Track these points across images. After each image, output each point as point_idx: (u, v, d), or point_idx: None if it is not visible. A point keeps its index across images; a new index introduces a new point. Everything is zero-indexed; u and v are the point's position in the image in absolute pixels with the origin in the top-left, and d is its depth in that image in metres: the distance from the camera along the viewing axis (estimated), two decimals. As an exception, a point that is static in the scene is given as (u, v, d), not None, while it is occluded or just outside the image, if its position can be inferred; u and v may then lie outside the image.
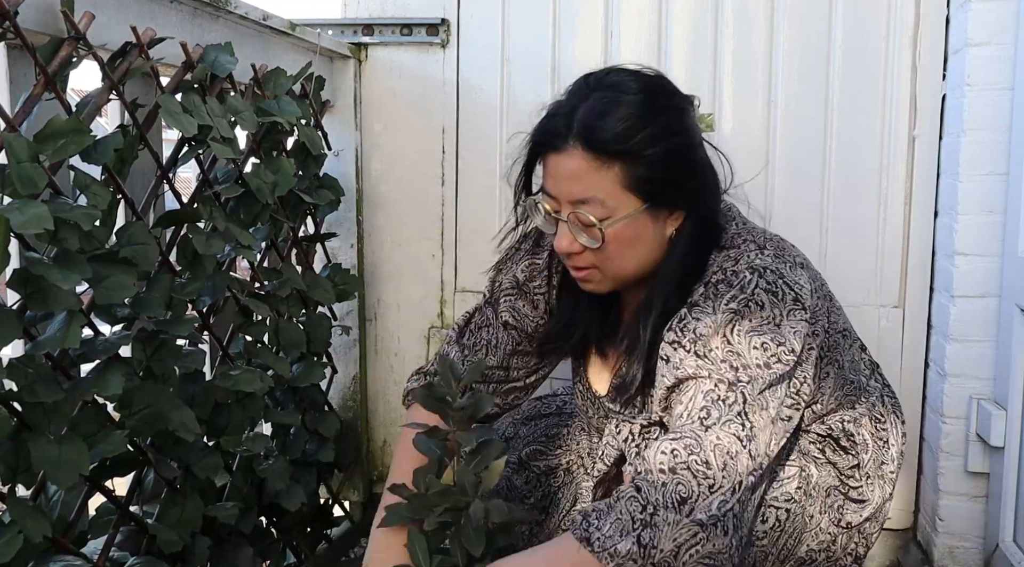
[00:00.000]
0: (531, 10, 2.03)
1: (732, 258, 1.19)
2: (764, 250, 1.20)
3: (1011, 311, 1.71)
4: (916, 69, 1.90)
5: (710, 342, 1.12)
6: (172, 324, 1.26)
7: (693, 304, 1.16)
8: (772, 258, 1.18)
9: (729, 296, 1.14)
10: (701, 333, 1.13)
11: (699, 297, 1.17)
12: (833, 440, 1.32)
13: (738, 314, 1.12)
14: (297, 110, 1.61)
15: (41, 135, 1.03)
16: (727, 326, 1.12)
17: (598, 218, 1.14)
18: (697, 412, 1.10)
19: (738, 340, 1.11)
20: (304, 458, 1.73)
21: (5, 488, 1.04)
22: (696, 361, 1.12)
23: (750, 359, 1.11)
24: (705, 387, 1.11)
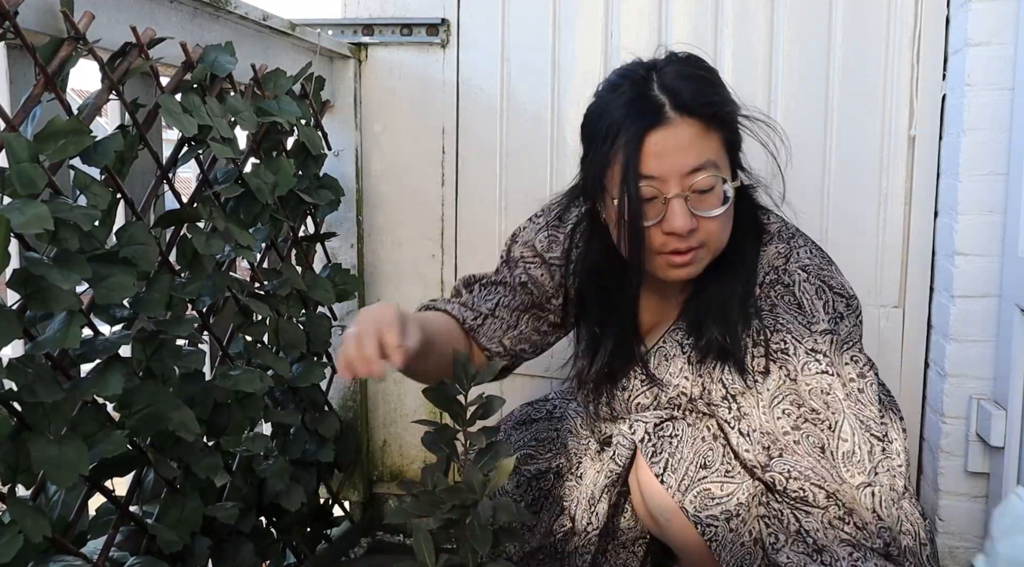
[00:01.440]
0: (531, 10, 2.03)
1: (782, 255, 1.24)
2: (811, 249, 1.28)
3: (1011, 311, 1.71)
4: (916, 69, 1.90)
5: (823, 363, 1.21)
6: (172, 324, 1.26)
7: (760, 310, 1.22)
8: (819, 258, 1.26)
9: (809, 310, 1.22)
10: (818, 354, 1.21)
11: (763, 301, 1.22)
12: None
13: (834, 333, 1.20)
14: (297, 110, 1.61)
15: (41, 135, 1.03)
16: (830, 346, 1.20)
17: (715, 184, 1.16)
18: (865, 444, 1.21)
19: (837, 360, 1.20)
20: (304, 458, 1.73)
21: (5, 488, 1.04)
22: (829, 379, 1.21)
23: (846, 376, 1.20)
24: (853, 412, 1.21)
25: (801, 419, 1.21)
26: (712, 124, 1.14)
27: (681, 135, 1.12)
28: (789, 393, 1.21)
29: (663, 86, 1.14)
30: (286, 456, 1.64)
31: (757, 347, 1.22)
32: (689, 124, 1.13)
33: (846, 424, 1.19)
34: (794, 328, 1.19)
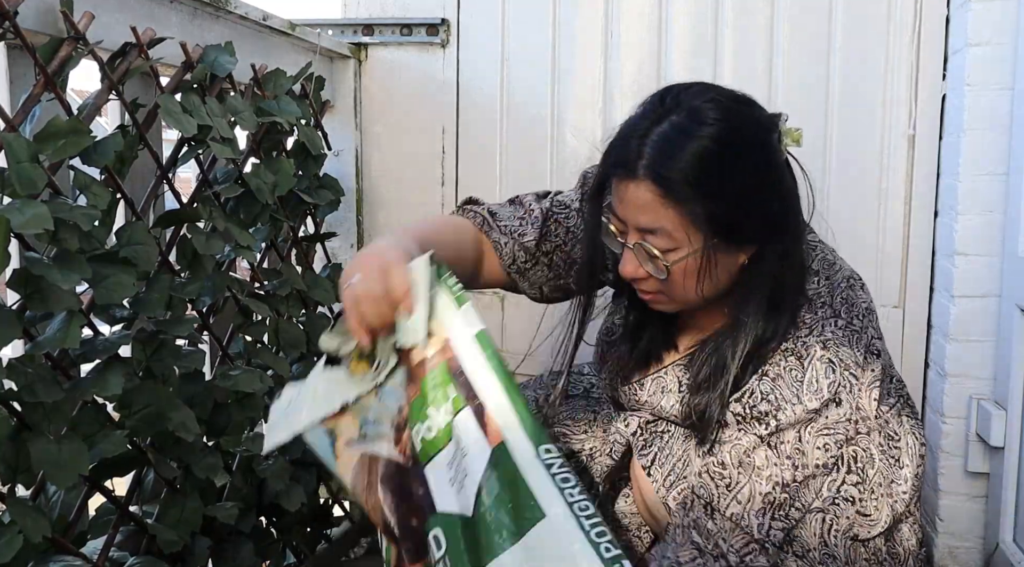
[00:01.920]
0: (531, 10, 2.03)
1: (807, 324, 1.20)
2: (837, 320, 1.20)
3: (1011, 311, 1.71)
4: (916, 69, 1.90)
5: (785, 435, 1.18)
6: (172, 324, 1.26)
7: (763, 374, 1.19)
8: (843, 332, 1.20)
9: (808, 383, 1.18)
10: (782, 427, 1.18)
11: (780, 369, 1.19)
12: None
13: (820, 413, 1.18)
14: (297, 110, 1.61)
15: (41, 135, 1.03)
16: (805, 425, 1.18)
17: (662, 250, 1.13)
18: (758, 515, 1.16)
19: (807, 439, 1.18)
20: (304, 458, 1.73)
21: (5, 488, 1.04)
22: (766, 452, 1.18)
23: (811, 459, 1.17)
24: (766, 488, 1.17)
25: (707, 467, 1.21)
26: (676, 197, 1.10)
27: (640, 195, 1.11)
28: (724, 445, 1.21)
29: (646, 139, 1.12)
30: (286, 456, 1.63)
31: (730, 413, 1.21)
32: (647, 188, 1.10)
33: (747, 488, 1.18)
34: (780, 399, 1.18)
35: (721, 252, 1.14)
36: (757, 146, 1.14)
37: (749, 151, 1.13)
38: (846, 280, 1.26)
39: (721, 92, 1.15)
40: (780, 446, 1.17)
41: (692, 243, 1.12)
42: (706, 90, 1.15)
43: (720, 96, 1.14)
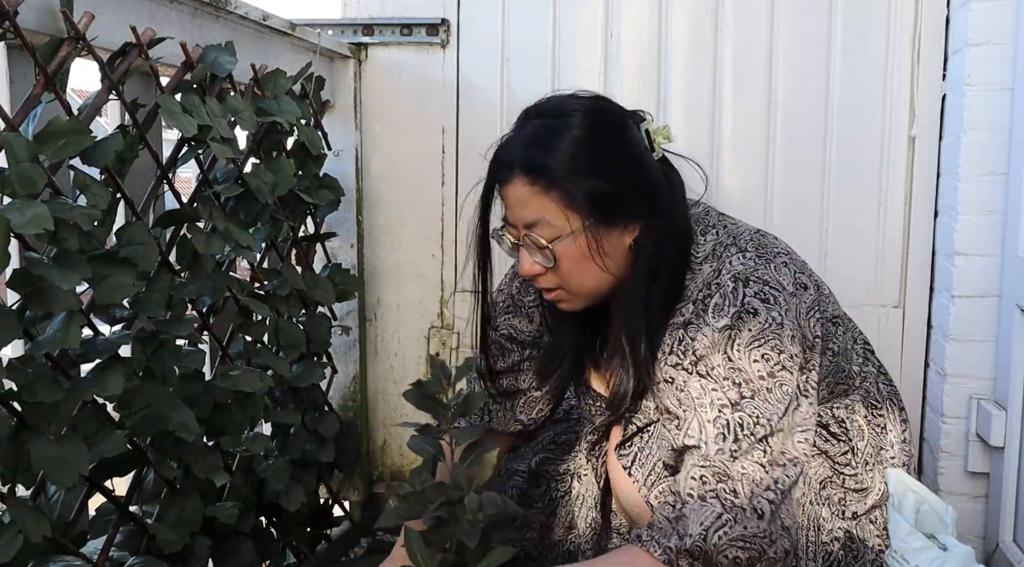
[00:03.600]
0: (531, 10, 2.03)
1: (715, 270, 1.21)
2: (745, 252, 1.21)
3: (1011, 311, 1.71)
4: (916, 69, 1.90)
5: (711, 360, 1.15)
6: (172, 324, 1.26)
7: (687, 323, 1.19)
8: (754, 260, 1.20)
9: (717, 307, 1.17)
10: (701, 353, 1.16)
11: (691, 315, 1.19)
12: (823, 427, 1.31)
13: (734, 328, 1.15)
14: (297, 110, 1.61)
15: (41, 135, 1.03)
16: (726, 342, 1.15)
17: (548, 239, 1.19)
18: (716, 440, 1.14)
19: (738, 355, 1.15)
20: (304, 458, 1.73)
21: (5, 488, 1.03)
22: (700, 382, 1.16)
23: (752, 373, 1.14)
24: (714, 413, 1.14)
25: (668, 419, 1.21)
26: (548, 183, 1.17)
27: (517, 191, 1.20)
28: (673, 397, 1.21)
29: (515, 142, 1.22)
30: (286, 456, 1.63)
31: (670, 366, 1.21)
32: (522, 182, 1.19)
33: (695, 421, 1.16)
34: (698, 329, 1.18)
35: (603, 231, 1.19)
36: (620, 127, 1.22)
37: (612, 131, 1.21)
38: (753, 231, 1.28)
39: (578, 93, 1.25)
40: (712, 371, 1.15)
41: (573, 226, 1.18)
42: (565, 94, 1.26)
43: (576, 95, 1.24)
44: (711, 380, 1.15)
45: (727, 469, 1.12)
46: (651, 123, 1.24)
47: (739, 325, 1.15)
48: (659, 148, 1.23)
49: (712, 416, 1.14)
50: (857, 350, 1.38)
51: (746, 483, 1.12)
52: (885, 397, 1.36)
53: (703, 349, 1.16)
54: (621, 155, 1.21)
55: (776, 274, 1.20)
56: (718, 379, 1.15)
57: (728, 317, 1.16)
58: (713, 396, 1.15)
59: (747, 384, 1.14)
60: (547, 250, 1.19)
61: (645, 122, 1.24)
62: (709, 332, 1.16)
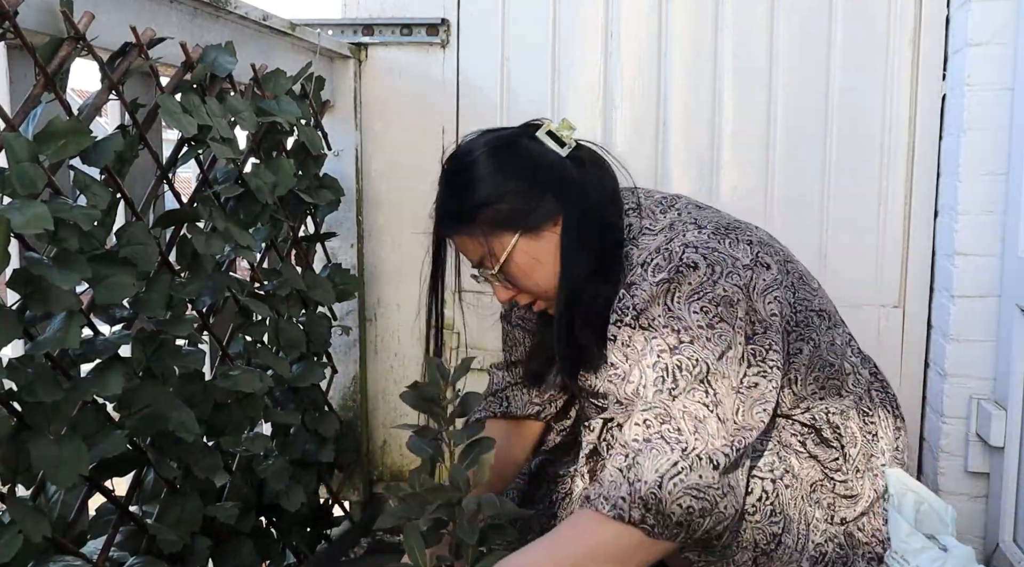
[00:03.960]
0: (531, 10, 2.03)
1: (668, 238, 1.25)
2: (702, 229, 1.24)
3: (1011, 311, 1.71)
4: (916, 69, 1.90)
5: (651, 311, 1.19)
6: (172, 324, 1.26)
7: (631, 284, 1.23)
8: (708, 235, 1.23)
9: (658, 266, 1.21)
10: (641, 307, 1.20)
11: (636, 277, 1.23)
12: (816, 431, 1.31)
13: (672, 281, 1.18)
14: (297, 110, 1.61)
15: (41, 135, 1.03)
16: (664, 294, 1.18)
17: (496, 268, 1.30)
18: (655, 383, 1.16)
19: (678, 306, 1.18)
20: (304, 458, 1.73)
21: (5, 488, 1.04)
22: (643, 334, 1.19)
23: (691, 321, 1.16)
24: (653, 358, 1.17)
25: (608, 377, 1.26)
26: (469, 222, 1.28)
27: (458, 241, 1.34)
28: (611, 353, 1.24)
29: (441, 198, 1.33)
30: (286, 456, 1.64)
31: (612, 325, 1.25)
32: (457, 232, 1.32)
33: (635, 370, 1.19)
34: (638, 285, 1.21)
35: (532, 235, 1.28)
36: (508, 144, 1.31)
37: (504, 150, 1.30)
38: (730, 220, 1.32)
39: (477, 133, 1.36)
40: (653, 322, 1.18)
41: (505, 245, 1.28)
42: (472, 135, 1.36)
43: (475, 135, 1.35)
44: (652, 330, 1.18)
45: (668, 409, 1.13)
46: (550, 124, 1.33)
47: (678, 278, 1.18)
48: (570, 140, 1.32)
49: (652, 361, 1.17)
50: (853, 349, 1.38)
51: (688, 421, 1.12)
52: (878, 404, 1.36)
53: (642, 302, 1.19)
54: (517, 166, 1.29)
55: (730, 249, 1.21)
56: (658, 328, 1.18)
57: (666, 271, 1.19)
58: (653, 343, 1.17)
59: (686, 331, 1.16)
60: (501, 276, 1.31)
61: (543, 126, 1.33)
62: (647, 286, 1.20)
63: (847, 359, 1.35)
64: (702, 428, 1.11)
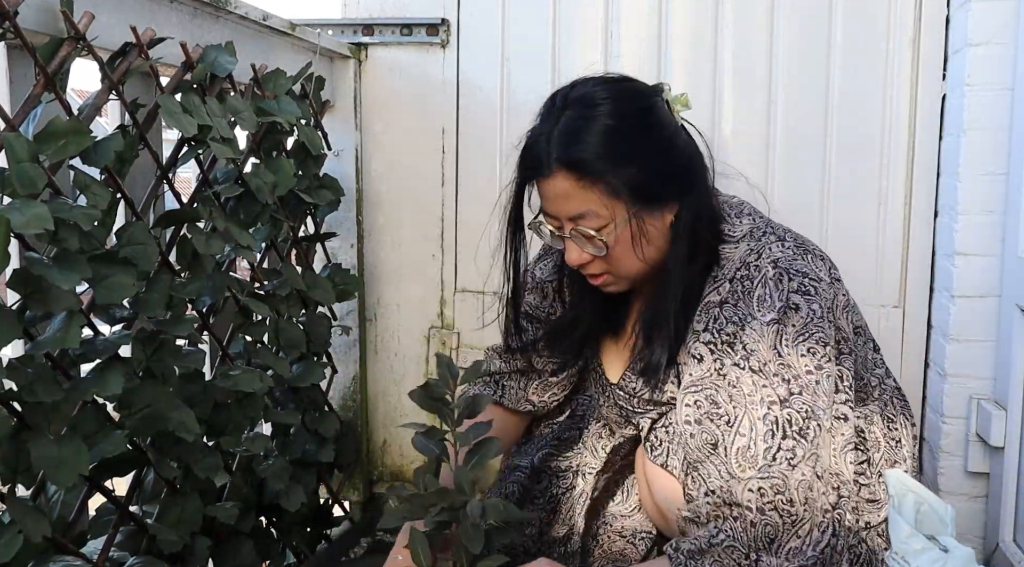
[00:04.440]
0: (531, 10, 2.03)
1: (754, 251, 1.23)
2: (784, 242, 1.24)
3: (1011, 311, 1.71)
4: (916, 69, 1.90)
5: (761, 354, 1.16)
6: (172, 324, 1.26)
7: (723, 302, 1.21)
8: (792, 250, 1.23)
9: (761, 299, 1.18)
10: (750, 348, 1.17)
11: (728, 294, 1.21)
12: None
13: (780, 322, 1.17)
14: (297, 110, 1.61)
15: (41, 135, 1.03)
16: (775, 337, 1.16)
17: (596, 228, 1.21)
18: (766, 438, 1.14)
19: (786, 350, 1.16)
20: (304, 458, 1.73)
21: (5, 488, 1.04)
22: (751, 377, 1.16)
23: (800, 368, 1.16)
24: (764, 410, 1.15)
25: (705, 413, 1.20)
26: (591, 177, 1.18)
27: (559, 186, 1.20)
28: (710, 386, 1.20)
29: (551, 136, 1.20)
30: (286, 456, 1.64)
31: (701, 343, 1.21)
32: (564, 177, 1.19)
33: (746, 419, 1.16)
34: (742, 319, 1.19)
35: (647, 215, 1.21)
36: (648, 110, 1.23)
37: (642, 115, 1.22)
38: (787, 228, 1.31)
39: (602, 78, 1.26)
40: (764, 368, 1.16)
41: (619, 214, 1.20)
42: (587, 81, 1.25)
43: (601, 80, 1.25)
44: (762, 376, 1.16)
45: (786, 480, 1.12)
46: (669, 92, 1.26)
47: (785, 320, 1.17)
48: (678, 117, 1.25)
49: (762, 413, 1.15)
50: (879, 361, 1.39)
51: (800, 492, 1.12)
52: (899, 411, 1.36)
53: (752, 342, 1.17)
54: (654, 138, 1.22)
55: (813, 265, 1.22)
56: (768, 375, 1.16)
57: (775, 311, 1.17)
58: (763, 393, 1.15)
59: (795, 380, 1.15)
60: (597, 239, 1.21)
61: (664, 93, 1.25)
62: (758, 326, 1.17)
63: (874, 372, 1.37)
64: (811, 497, 1.13)
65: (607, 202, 1.19)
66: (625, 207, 1.19)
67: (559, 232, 1.25)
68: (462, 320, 2.14)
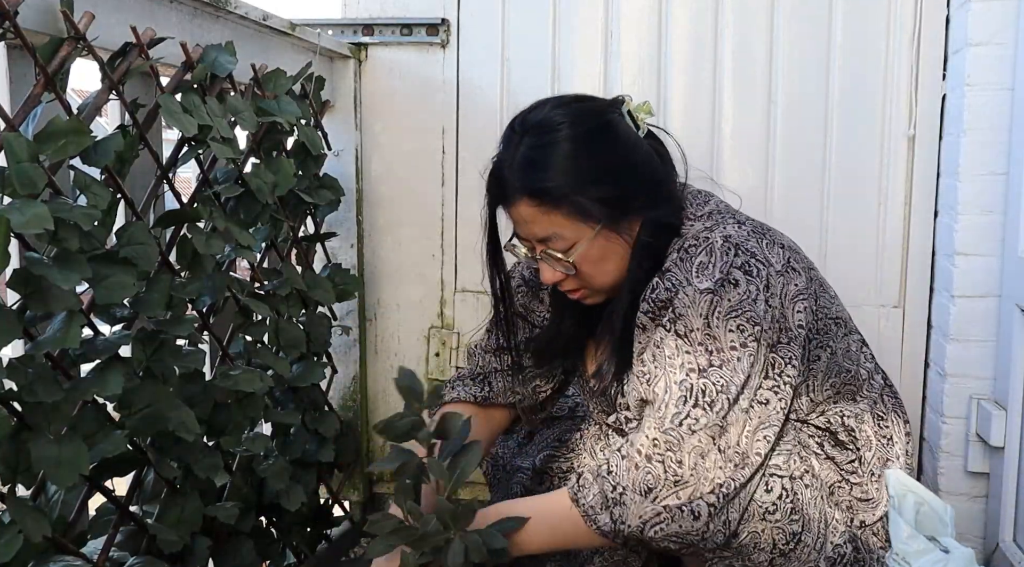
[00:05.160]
0: (531, 10, 2.03)
1: (709, 228, 1.24)
2: (742, 225, 1.25)
3: (1011, 311, 1.71)
4: (916, 69, 1.90)
5: (690, 321, 1.18)
6: (172, 324, 1.26)
7: (666, 271, 1.22)
8: (748, 232, 1.23)
9: (702, 265, 1.19)
10: (680, 311, 1.18)
11: (671, 263, 1.22)
12: (831, 434, 1.31)
13: (716, 294, 1.17)
14: (297, 110, 1.61)
15: (41, 135, 1.03)
16: (707, 307, 1.17)
17: (563, 250, 1.23)
18: (677, 403, 1.16)
19: (716, 323, 1.17)
20: (304, 458, 1.73)
21: (5, 488, 1.04)
22: (675, 340, 1.18)
23: (725, 342, 1.16)
24: (681, 376, 1.17)
25: (637, 373, 1.24)
26: (552, 202, 1.21)
27: (524, 212, 1.23)
28: (646, 350, 1.23)
29: (512, 164, 1.23)
30: (286, 456, 1.64)
31: (642, 314, 1.24)
32: (527, 204, 1.22)
33: (662, 381, 1.18)
34: (677, 284, 1.20)
35: (613, 231, 1.24)
36: (604, 127, 1.24)
37: (600, 134, 1.23)
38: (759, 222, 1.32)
39: (559, 99, 1.28)
40: (690, 334, 1.17)
41: (584, 234, 1.22)
42: (544, 103, 1.27)
43: (559, 102, 1.27)
44: (687, 342, 1.17)
45: (680, 441, 1.15)
46: (631, 103, 1.27)
47: (721, 292, 1.17)
48: (643, 125, 1.27)
49: (679, 378, 1.17)
50: (866, 355, 1.38)
51: (692, 457, 1.14)
52: (891, 409, 1.36)
53: (682, 307, 1.18)
54: (614, 156, 1.23)
55: (766, 251, 1.22)
56: (693, 343, 1.17)
57: (712, 281, 1.18)
58: (685, 358, 1.17)
59: (718, 353, 1.16)
60: (564, 260, 1.24)
61: (626, 104, 1.27)
62: (691, 291, 1.18)
63: (862, 365, 1.36)
64: (701, 465, 1.14)
65: (571, 224, 1.22)
66: (589, 226, 1.22)
67: (531, 253, 1.28)
68: (462, 320, 2.14)
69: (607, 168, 1.22)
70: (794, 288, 1.22)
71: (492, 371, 1.49)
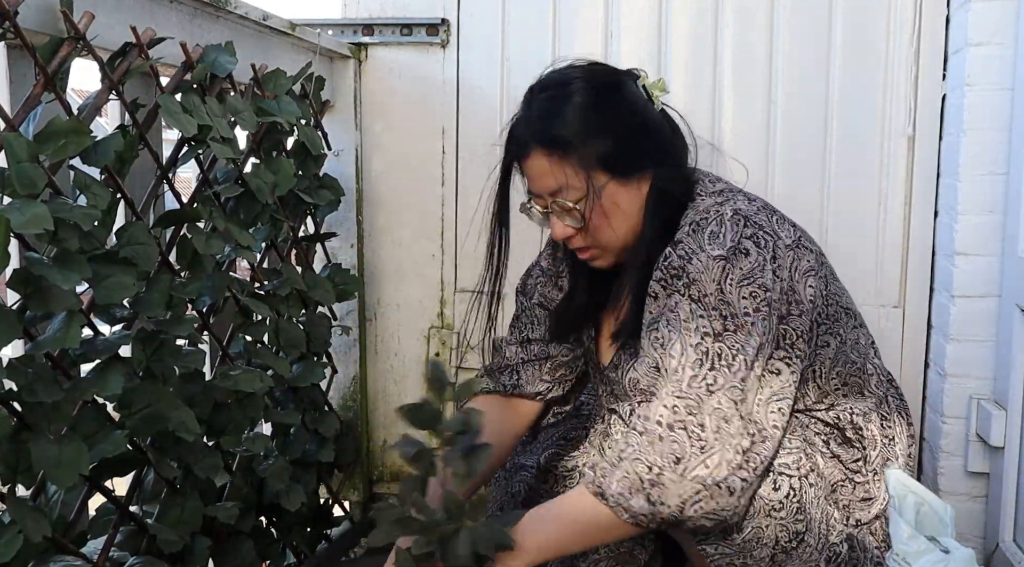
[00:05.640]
0: (531, 10, 2.03)
1: (719, 203, 1.26)
2: (753, 201, 1.28)
3: (1011, 311, 1.71)
4: (916, 69, 1.90)
5: (704, 287, 1.19)
6: (172, 324, 1.26)
7: (678, 241, 1.24)
8: (758, 208, 1.26)
9: (714, 234, 1.21)
10: (693, 277, 1.19)
11: (683, 235, 1.24)
12: (839, 430, 1.31)
13: (728, 260, 1.19)
14: (297, 110, 1.61)
15: (41, 135, 1.03)
16: (720, 272, 1.19)
17: (574, 201, 1.26)
18: (694, 366, 1.17)
19: (729, 288, 1.18)
20: (304, 458, 1.73)
21: (5, 488, 1.04)
22: (689, 304, 1.19)
23: (739, 308, 1.18)
24: (696, 339, 1.18)
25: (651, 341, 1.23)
26: (564, 151, 1.24)
27: (537, 164, 1.27)
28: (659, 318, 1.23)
29: (528, 119, 1.28)
30: (286, 456, 1.64)
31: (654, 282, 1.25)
32: (540, 154, 1.26)
33: (678, 344, 1.19)
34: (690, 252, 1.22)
35: (622, 186, 1.26)
36: (617, 86, 1.29)
37: (613, 91, 1.28)
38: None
39: (573, 62, 1.33)
40: (704, 299, 1.18)
41: (594, 185, 1.25)
42: (564, 65, 1.33)
43: (574, 64, 1.32)
44: (701, 306, 1.18)
45: (700, 403, 1.15)
46: (647, 78, 1.31)
47: (732, 259, 1.19)
48: (658, 101, 1.31)
49: (695, 341, 1.18)
50: (875, 351, 1.39)
51: (714, 419, 1.14)
52: (894, 409, 1.36)
53: (696, 272, 1.19)
54: (625, 112, 1.27)
55: (775, 225, 1.25)
56: (707, 307, 1.18)
57: (724, 249, 1.20)
58: (700, 323, 1.18)
59: (732, 318, 1.17)
60: (574, 211, 1.26)
61: (641, 78, 1.31)
62: (704, 258, 1.20)
63: (870, 361, 1.36)
64: (725, 429, 1.14)
65: (582, 174, 1.24)
66: (600, 178, 1.25)
67: (543, 210, 1.30)
68: (462, 320, 2.14)
69: (618, 121, 1.26)
70: (805, 264, 1.25)
71: (519, 362, 1.50)
